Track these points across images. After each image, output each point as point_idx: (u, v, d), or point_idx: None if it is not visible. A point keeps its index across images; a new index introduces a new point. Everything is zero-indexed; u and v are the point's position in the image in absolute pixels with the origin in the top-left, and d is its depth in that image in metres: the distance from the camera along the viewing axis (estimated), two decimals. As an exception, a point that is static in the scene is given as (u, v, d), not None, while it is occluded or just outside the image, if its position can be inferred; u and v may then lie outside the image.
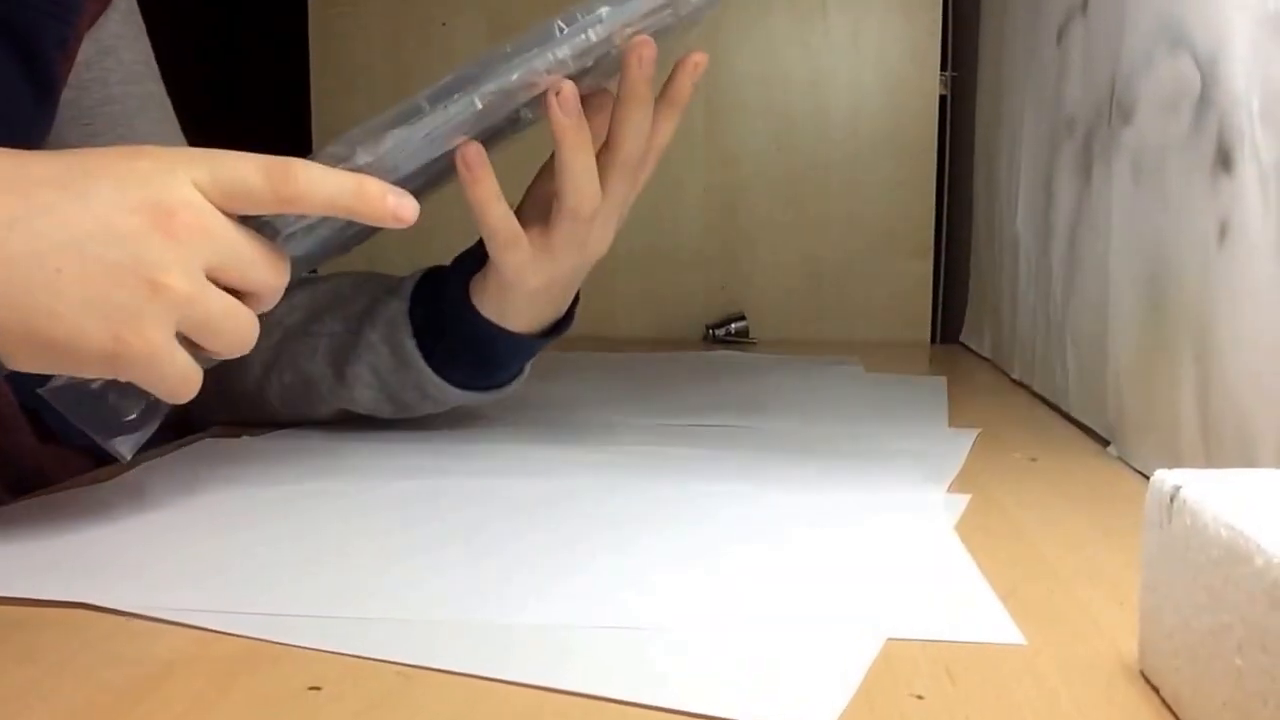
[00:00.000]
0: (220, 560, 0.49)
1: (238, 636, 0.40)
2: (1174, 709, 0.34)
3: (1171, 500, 0.34)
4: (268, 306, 0.51)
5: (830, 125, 1.39)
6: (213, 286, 0.47)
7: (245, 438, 0.73)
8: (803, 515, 0.57)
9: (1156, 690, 0.35)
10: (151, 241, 0.45)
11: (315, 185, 0.49)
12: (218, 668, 0.37)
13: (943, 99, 1.39)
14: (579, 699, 0.35)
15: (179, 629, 0.40)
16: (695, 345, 1.35)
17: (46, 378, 0.50)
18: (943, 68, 1.38)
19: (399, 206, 0.51)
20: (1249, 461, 0.52)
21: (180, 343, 0.47)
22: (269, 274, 0.49)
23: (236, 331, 0.48)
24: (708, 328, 1.39)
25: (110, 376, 0.48)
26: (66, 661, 0.38)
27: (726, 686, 0.36)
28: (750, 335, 1.37)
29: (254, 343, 0.50)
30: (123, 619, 0.41)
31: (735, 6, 1.39)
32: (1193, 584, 0.32)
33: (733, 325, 1.38)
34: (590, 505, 0.58)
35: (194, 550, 0.50)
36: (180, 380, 0.47)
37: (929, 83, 1.38)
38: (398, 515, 0.57)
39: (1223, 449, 0.55)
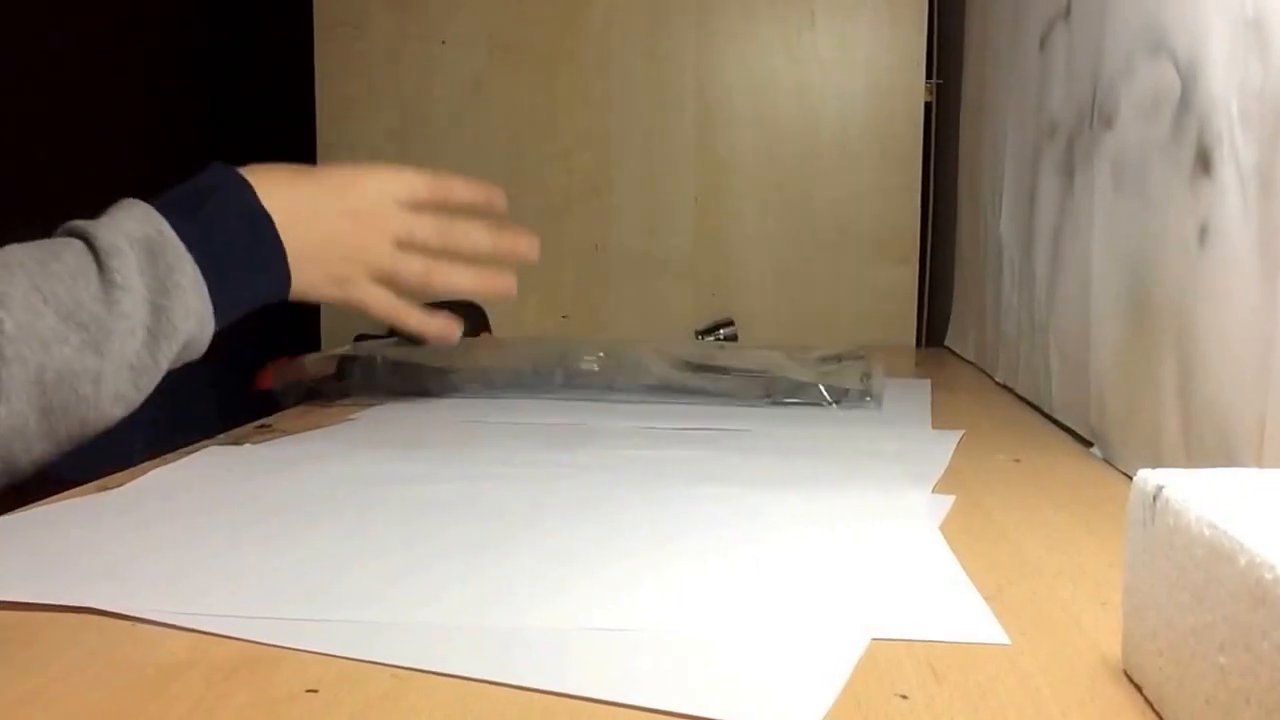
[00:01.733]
0: (222, 565, 0.49)
1: (237, 640, 0.40)
2: (1157, 708, 0.34)
3: (1154, 500, 0.34)
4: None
5: (818, 133, 1.40)
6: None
7: (248, 445, 0.74)
8: (788, 517, 0.57)
9: (1140, 689, 0.36)
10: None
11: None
12: (217, 671, 0.37)
13: (928, 106, 1.40)
14: (568, 700, 0.35)
15: (180, 633, 0.41)
16: (684, 350, 1.35)
17: None
18: (928, 75, 1.39)
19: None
20: (1229, 461, 0.53)
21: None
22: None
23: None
24: (697, 333, 1.39)
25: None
26: (70, 665, 0.38)
27: (712, 687, 0.36)
28: (739, 340, 1.38)
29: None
30: (126, 623, 0.42)
31: (724, 17, 1.40)
32: (1176, 583, 0.32)
33: (721, 330, 1.38)
34: (576, 510, 0.59)
35: (196, 555, 0.50)
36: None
37: (915, 90, 1.38)
38: (394, 522, 0.57)
39: (1203, 449, 0.56)
